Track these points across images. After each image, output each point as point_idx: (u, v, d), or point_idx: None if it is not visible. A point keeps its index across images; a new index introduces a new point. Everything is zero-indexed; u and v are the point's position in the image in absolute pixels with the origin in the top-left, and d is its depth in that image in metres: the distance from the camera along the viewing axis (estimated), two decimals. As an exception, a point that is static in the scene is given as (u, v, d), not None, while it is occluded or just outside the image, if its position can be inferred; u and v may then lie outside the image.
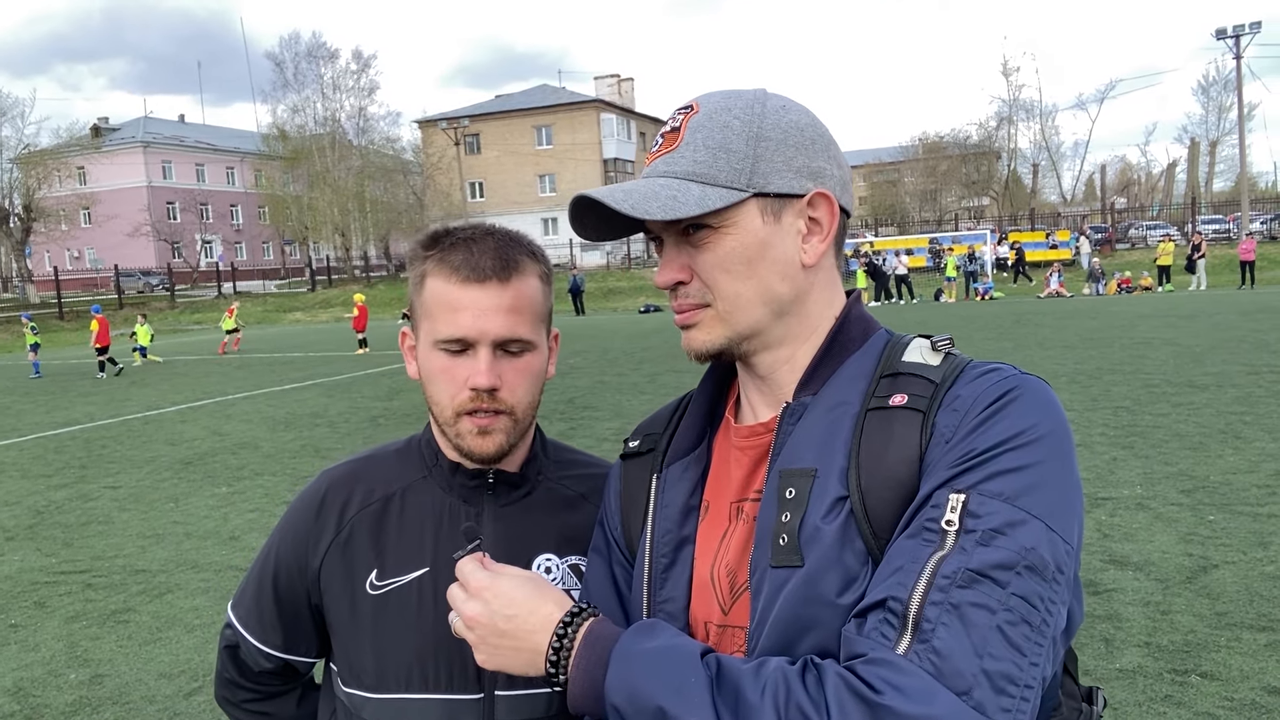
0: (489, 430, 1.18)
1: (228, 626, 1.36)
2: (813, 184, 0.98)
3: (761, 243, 0.97)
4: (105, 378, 19.94)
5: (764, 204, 0.97)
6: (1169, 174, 70.30)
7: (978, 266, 32.82)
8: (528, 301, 1.19)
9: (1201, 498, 6.33)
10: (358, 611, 1.24)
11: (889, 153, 69.35)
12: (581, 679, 0.90)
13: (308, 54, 57.01)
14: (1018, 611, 0.79)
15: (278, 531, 1.34)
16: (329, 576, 1.26)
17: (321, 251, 58.76)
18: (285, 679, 1.37)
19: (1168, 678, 3.81)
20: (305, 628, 1.31)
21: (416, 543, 1.25)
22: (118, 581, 5.94)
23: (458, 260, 1.17)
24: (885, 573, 0.84)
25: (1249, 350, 13.60)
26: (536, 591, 0.97)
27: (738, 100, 0.99)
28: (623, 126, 60.17)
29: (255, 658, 1.33)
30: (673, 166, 0.98)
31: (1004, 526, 0.81)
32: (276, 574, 1.31)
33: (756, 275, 0.97)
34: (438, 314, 1.17)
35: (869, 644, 0.80)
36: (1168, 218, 49.30)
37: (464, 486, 1.27)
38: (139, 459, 10.19)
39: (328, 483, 1.32)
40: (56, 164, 49.96)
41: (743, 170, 0.96)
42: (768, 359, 1.02)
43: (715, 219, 0.96)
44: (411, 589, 1.23)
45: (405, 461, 1.32)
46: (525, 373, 1.20)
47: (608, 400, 12.35)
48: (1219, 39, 39.83)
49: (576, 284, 36.08)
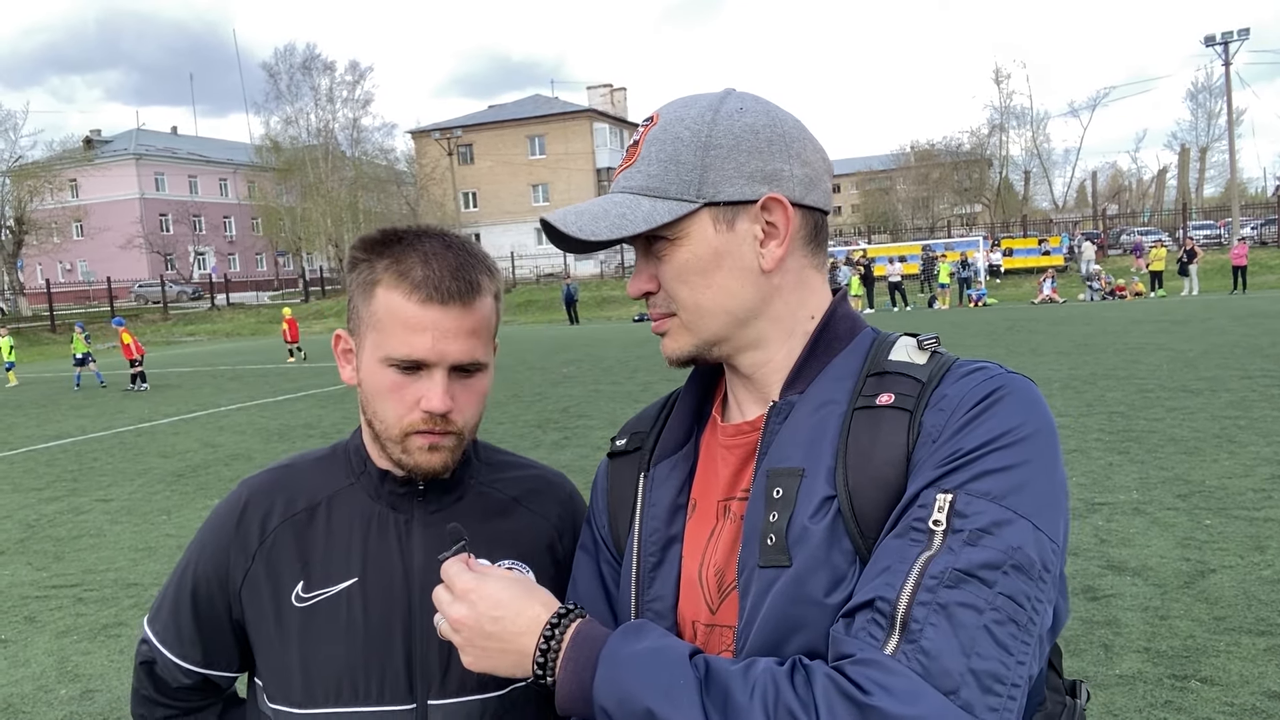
0: (439, 447, 1.16)
1: (143, 642, 1.31)
2: (766, 188, 0.97)
3: (715, 252, 0.97)
4: (135, 389, 19.30)
5: (716, 213, 0.96)
6: (1159, 180, 70.66)
7: (971, 273, 32.95)
8: (484, 323, 1.16)
9: (1198, 502, 6.32)
10: (283, 625, 1.20)
11: (881, 160, 69.63)
12: (570, 680, 0.90)
13: (302, 65, 57.18)
14: (1005, 611, 0.79)
15: (195, 543, 1.29)
16: (251, 590, 1.22)
17: (315, 262, 58.70)
18: (205, 694, 1.33)
19: (1168, 683, 3.80)
20: (225, 642, 1.27)
21: (344, 552, 1.21)
22: (109, 595, 5.89)
23: (417, 276, 1.11)
24: (873, 573, 0.84)
25: (1242, 355, 13.64)
26: (524, 592, 0.97)
27: (692, 108, 0.99)
28: (615, 136, 60.28)
29: (173, 673, 1.28)
30: (630, 182, 0.99)
31: (991, 526, 0.81)
32: (195, 587, 1.26)
33: (714, 285, 0.97)
34: (392, 330, 1.12)
35: (857, 644, 0.80)
36: (1159, 224, 49.55)
37: (393, 493, 1.23)
38: (131, 471, 10.13)
39: (248, 492, 1.27)
40: (49, 176, 49.79)
41: (691, 181, 0.96)
42: (747, 360, 1.02)
43: (669, 231, 0.97)
44: (340, 600, 1.19)
45: (330, 469, 1.28)
46: (476, 393, 1.18)
47: (602, 409, 12.32)
48: (1208, 45, 40.12)
49: (570, 293, 36.10)
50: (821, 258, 1.03)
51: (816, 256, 1.02)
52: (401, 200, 59.31)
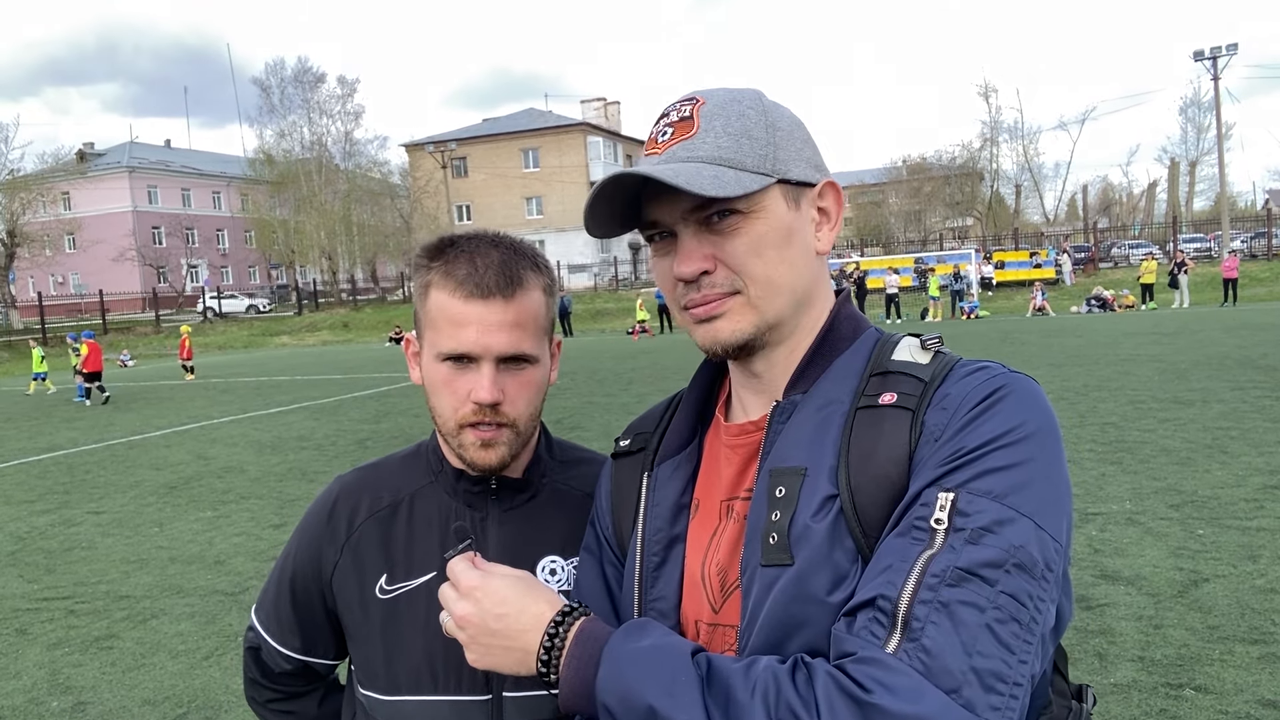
0: (492, 443, 1.20)
1: (250, 629, 1.40)
2: (819, 175, 1.00)
3: (788, 228, 0.97)
4: (90, 404, 19.66)
5: (786, 190, 0.98)
6: (1149, 194, 71.10)
7: (964, 285, 33.07)
8: (530, 316, 1.19)
9: (1190, 512, 6.34)
10: (369, 615, 1.27)
11: (874, 174, 69.87)
12: (573, 678, 0.90)
13: (294, 79, 57.27)
14: (1007, 610, 0.79)
15: (294, 537, 1.37)
16: (341, 581, 1.29)
17: (308, 275, 58.62)
18: (306, 680, 1.40)
19: (1162, 691, 3.80)
20: (322, 631, 1.35)
21: (424, 547, 1.27)
22: (101, 608, 5.85)
23: (462, 274, 1.17)
24: (874, 571, 0.84)
25: (1233, 366, 13.70)
26: (528, 591, 0.97)
27: (743, 94, 1.01)
28: (609, 149, 60.43)
29: (276, 659, 1.37)
30: (694, 152, 0.95)
31: (993, 525, 0.81)
32: (293, 578, 1.34)
33: (786, 260, 0.97)
34: (442, 327, 1.18)
35: (858, 643, 0.80)
36: (1149, 237, 49.80)
37: (468, 492, 1.29)
38: (123, 484, 10.08)
39: (339, 488, 1.35)
40: (41, 189, 49.67)
41: (766, 156, 0.96)
42: (770, 355, 1.02)
43: (745, 204, 0.95)
44: (420, 593, 1.25)
45: (413, 468, 1.34)
46: (527, 386, 1.21)
47: (596, 420, 12.32)
48: (1197, 60, 40.44)
49: (564, 305, 36.16)
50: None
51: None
52: (395, 213, 59.34)
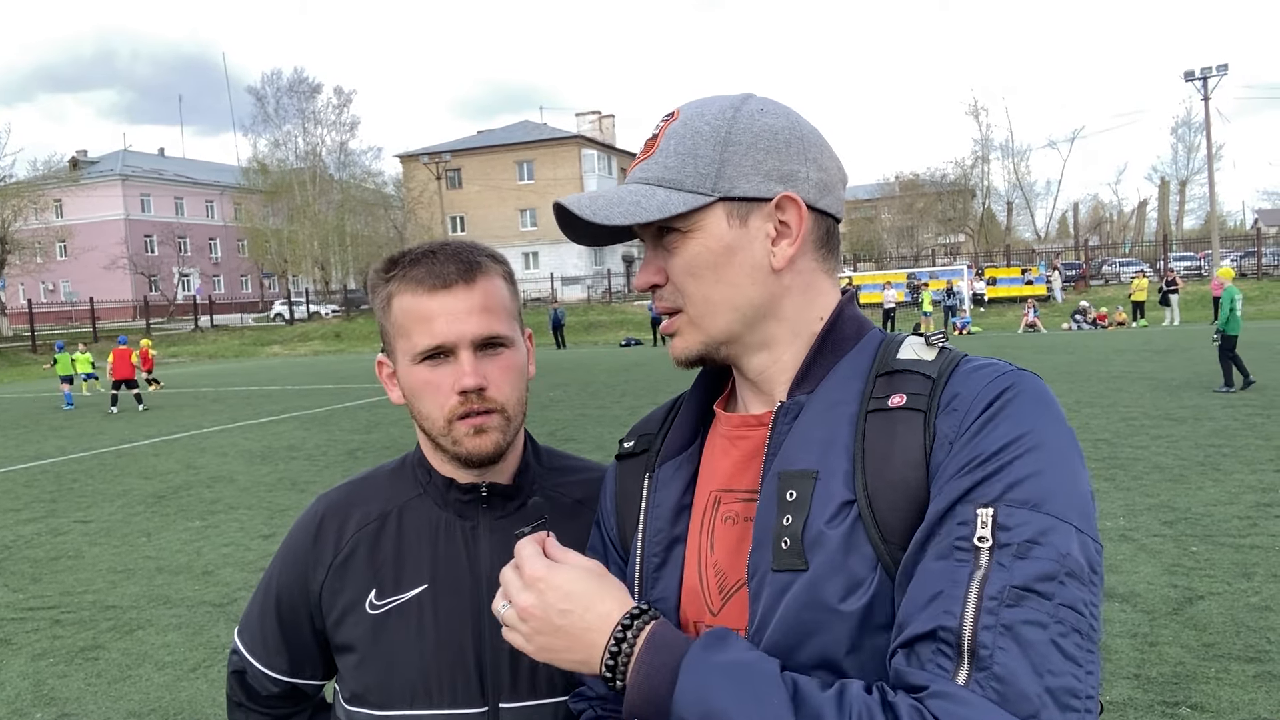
0: (484, 429, 1.19)
1: (234, 652, 1.38)
2: (782, 187, 0.97)
3: (726, 246, 0.96)
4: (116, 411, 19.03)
5: (730, 208, 0.96)
6: (1140, 212, 71.52)
7: (956, 301, 33.18)
8: (497, 300, 1.20)
9: (1184, 529, 6.34)
10: (360, 631, 1.25)
11: (867, 190, 70.13)
12: (643, 685, 0.85)
13: (289, 89, 57.32)
14: (1068, 622, 0.77)
15: (278, 557, 1.35)
16: (330, 598, 1.27)
17: (301, 285, 58.51)
18: (294, 702, 1.38)
19: (1158, 709, 3.78)
20: (310, 651, 1.32)
21: (414, 560, 1.25)
22: (87, 618, 5.78)
23: (420, 273, 1.18)
24: (921, 599, 0.80)
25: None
26: (596, 586, 0.92)
27: (714, 106, 1.00)
28: (603, 162, 60.55)
29: (262, 682, 1.34)
30: (647, 173, 0.99)
31: (1037, 536, 0.79)
32: (279, 599, 1.32)
33: (724, 280, 0.97)
34: (412, 328, 1.18)
35: (928, 676, 0.77)
36: (1140, 255, 50.07)
37: (459, 501, 1.27)
38: (111, 493, 9.99)
39: (324, 506, 1.33)
40: (33, 196, 49.48)
41: (708, 175, 0.96)
42: (754, 362, 1.01)
43: (682, 223, 0.96)
44: (411, 606, 1.23)
45: (399, 481, 1.32)
46: (508, 369, 1.21)
47: (589, 433, 12.29)
48: (1187, 80, 40.75)
49: (557, 318, 36.09)
50: (832, 263, 1.03)
51: (827, 261, 1.02)
52: (389, 224, 59.31)
